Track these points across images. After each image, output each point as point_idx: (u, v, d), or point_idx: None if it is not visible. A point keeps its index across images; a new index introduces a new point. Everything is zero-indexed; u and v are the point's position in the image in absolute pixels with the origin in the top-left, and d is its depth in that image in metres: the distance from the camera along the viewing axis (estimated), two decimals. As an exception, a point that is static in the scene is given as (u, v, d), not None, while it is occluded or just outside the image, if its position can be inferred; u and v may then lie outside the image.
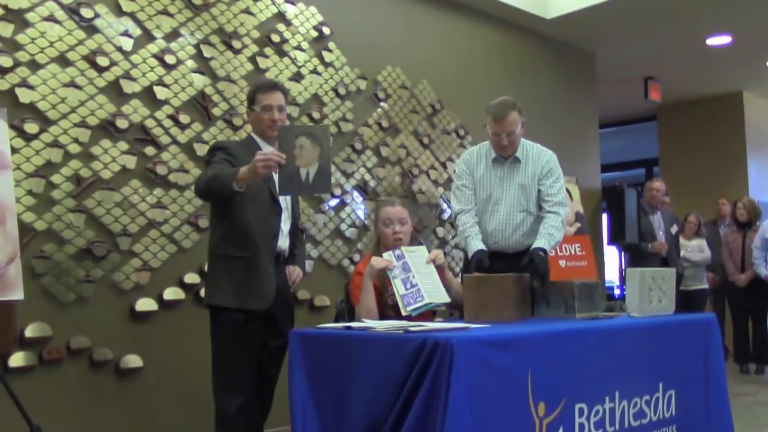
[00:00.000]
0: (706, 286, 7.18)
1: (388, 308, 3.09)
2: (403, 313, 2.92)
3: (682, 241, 7.03)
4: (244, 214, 2.98)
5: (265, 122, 3.11)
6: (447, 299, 3.05)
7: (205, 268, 4.06)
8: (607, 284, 7.95)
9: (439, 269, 3.18)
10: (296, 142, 2.77)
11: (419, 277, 2.99)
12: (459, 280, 3.45)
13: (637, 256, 6.65)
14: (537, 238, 3.43)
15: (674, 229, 6.84)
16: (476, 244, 3.45)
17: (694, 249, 7.09)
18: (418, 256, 3.12)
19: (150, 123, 4.02)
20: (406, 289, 2.96)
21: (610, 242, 7.02)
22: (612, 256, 8.76)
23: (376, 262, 3.08)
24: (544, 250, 3.33)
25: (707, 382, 3.19)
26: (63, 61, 3.73)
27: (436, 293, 3.01)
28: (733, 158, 9.00)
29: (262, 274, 3.00)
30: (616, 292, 8.91)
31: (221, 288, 2.99)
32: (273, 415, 3.25)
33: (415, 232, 5.33)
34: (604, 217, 7.35)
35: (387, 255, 3.10)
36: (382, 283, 3.13)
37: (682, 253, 6.94)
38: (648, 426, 2.84)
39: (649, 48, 7.28)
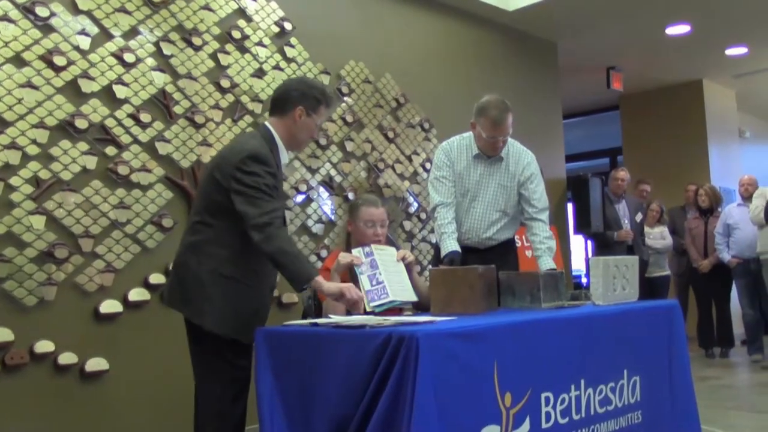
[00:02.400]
0: (668, 272, 7.31)
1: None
2: (367, 309, 2.92)
3: (645, 228, 7.13)
4: None
5: (312, 132, 2.86)
6: (414, 298, 3.06)
7: (171, 268, 4.06)
8: (574, 273, 8.03)
9: (408, 268, 3.18)
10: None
11: (386, 275, 2.99)
12: (425, 275, 3.46)
13: (602, 244, 6.74)
14: (540, 256, 3.47)
15: (639, 217, 6.95)
16: (451, 244, 3.45)
17: (656, 236, 7.20)
18: (387, 255, 3.12)
19: (110, 122, 3.96)
20: (372, 286, 2.96)
21: (576, 231, 7.10)
22: (578, 245, 8.84)
23: (343, 257, 3.07)
24: (554, 269, 3.36)
25: (671, 367, 3.24)
26: (18, 61, 3.66)
27: (402, 291, 3.01)
28: (694, 146, 9.14)
29: (264, 306, 2.82)
30: (584, 280, 9.00)
31: (222, 315, 2.66)
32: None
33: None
34: (570, 206, 7.43)
35: (356, 251, 3.10)
36: (351, 279, 3.13)
37: (645, 240, 7.05)
38: (614, 413, 2.87)
39: (611, 38, 7.35)
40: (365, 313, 2.93)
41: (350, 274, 3.12)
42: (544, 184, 3.66)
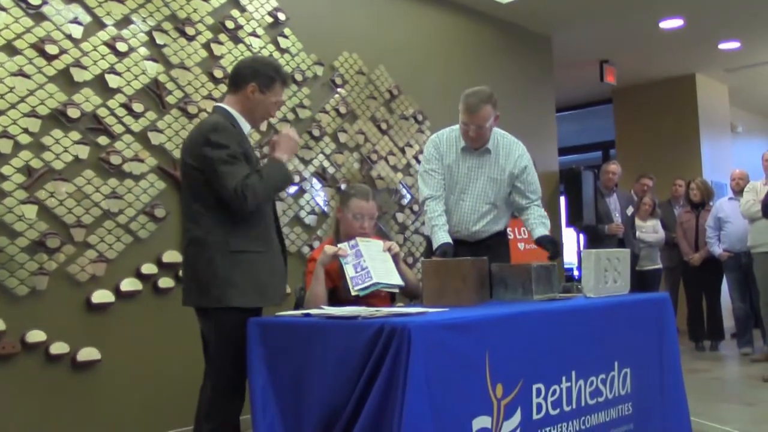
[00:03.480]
0: (660, 266, 7.33)
1: (346, 293, 3.09)
2: (352, 293, 2.94)
3: (637, 222, 7.16)
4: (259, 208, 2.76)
5: (271, 112, 2.91)
6: (399, 282, 3.07)
7: (164, 259, 4.06)
8: (566, 266, 8.05)
9: (394, 259, 3.19)
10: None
11: (371, 262, 3.02)
12: (417, 267, 3.46)
13: (594, 237, 6.75)
14: (534, 228, 3.55)
15: (630, 210, 6.97)
16: (442, 236, 3.46)
17: (649, 230, 7.22)
18: (373, 246, 3.15)
19: (102, 112, 3.94)
20: (356, 272, 2.99)
21: (568, 225, 7.12)
22: (570, 238, 8.87)
23: (329, 248, 3.10)
24: (548, 236, 3.52)
25: (661, 359, 3.26)
26: (10, 49, 3.64)
27: (387, 275, 3.03)
28: (686, 140, 9.16)
29: (279, 269, 2.86)
30: (575, 273, 9.03)
31: (242, 288, 2.68)
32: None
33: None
34: (562, 199, 7.44)
35: (342, 246, 3.13)
36: (341, 269, 3.14)
37: (637, 234, 7.07)
38: (604, 404, 2.89)
39: (604, 32, 7.36)
40: (355, 302, 2.95)
41: (339, 267, 3.13)
42: (536, 173, 3.68)
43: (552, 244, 3.50)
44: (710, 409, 4.61)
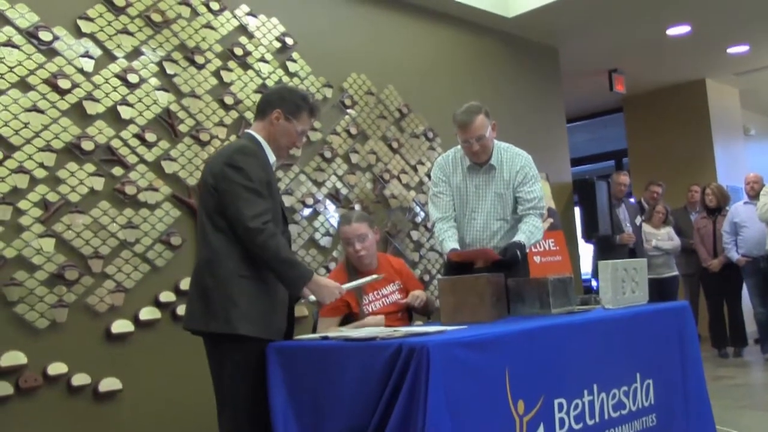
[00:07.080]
0: (676, 272, 7.26)
1: (364, 317, 3.10)
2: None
3: (651, 230, 7.12)
4: None
5: (292, 137, 2.87)
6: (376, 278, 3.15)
7: (181, 286, 4.08)
8: (583, 276, 8.00)
9: (426, 303, 3.32)
10: None
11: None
12: (434, 284, 3.45)
13: (606, 248, 6.71)
14: (517, 234, 3.46)
15: (638, 220, 6.97)
16: (450, 244, 3.49)
17: (664, 237, 7.18)
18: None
19: (116, 143, 3.99)
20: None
21: (583, 236, 7.07)
22: (587, 249, 8.83)
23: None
24: (521, 244, 3.36)
25: (684, 368, 3.23)
26: (24, 85, 3.70)
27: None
28: (699, 145, 9.12)
29: (283, 298, 2.78)
30: (593, 284, 8.97)
31: (249, 315, 2.63)
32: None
33: (389, 236, 5.34)
34: (577, 210, 7.41)
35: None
36: (359, 295, 3.15)
37: (653, 242, 7.03)
38: (628, 416, 2.87)
39: (612, 41, 7.36)
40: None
41: (357, 292, 3.15)
42: (541, 183, 3.63)
43: (510, 249, 3.35)
44: (736, 417, 4.56)
